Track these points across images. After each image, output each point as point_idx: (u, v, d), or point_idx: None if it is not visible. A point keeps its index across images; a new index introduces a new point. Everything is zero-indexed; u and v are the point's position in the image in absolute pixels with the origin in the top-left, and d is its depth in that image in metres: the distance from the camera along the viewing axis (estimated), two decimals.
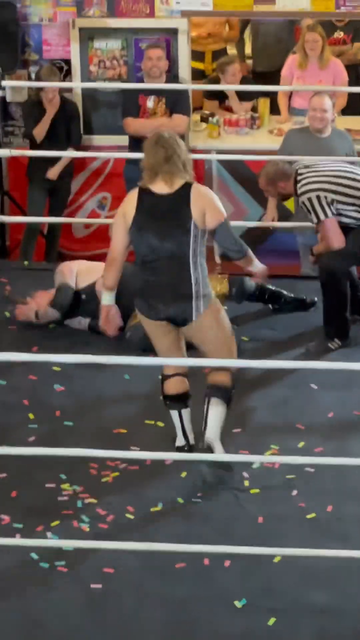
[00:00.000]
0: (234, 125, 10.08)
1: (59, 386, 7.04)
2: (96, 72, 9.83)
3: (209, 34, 11.36)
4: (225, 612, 5.21)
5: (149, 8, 9.65)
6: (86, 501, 5.98)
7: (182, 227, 6.25)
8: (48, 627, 5.14)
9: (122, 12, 9.66)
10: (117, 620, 5.18)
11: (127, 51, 9.76)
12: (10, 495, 6.01)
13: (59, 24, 9.75)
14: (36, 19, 9.75)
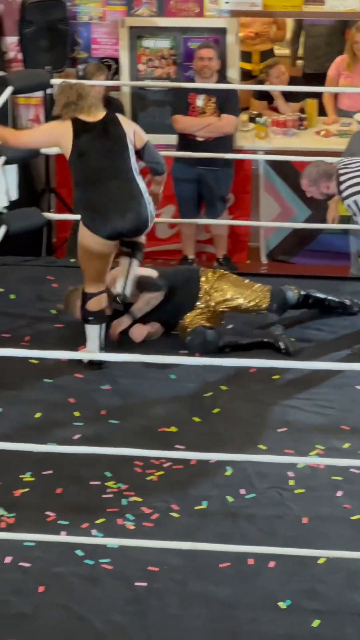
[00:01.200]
0: (282, 126, 10.08)
1: (105, 385, 7.03)
2: (144, 71, 9.85)
3: (256, 34, 11.36)
4: (269, 613, 5.18)
5: (198, 7, 9.67)
6: (131, 499, 5.97)
7: (121, 144, 6.98)
8: (92, 623, 5.12)
9: (171, 11, 9.68)
10: (160, 619, 5.16)
11: (176, 50, 9.78)
12: (56, 492, 6.01)
13: (108, 22, 9.78)
14: (86, 17, 9.80)
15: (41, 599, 5.27)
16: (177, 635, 5.07)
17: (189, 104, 9.30)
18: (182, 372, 7.08)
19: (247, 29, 10.98)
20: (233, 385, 7.05)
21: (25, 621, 5.13)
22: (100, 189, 6.93)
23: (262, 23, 11.24)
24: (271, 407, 6.84)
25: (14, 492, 6.01)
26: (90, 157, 6.94)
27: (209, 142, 9.28)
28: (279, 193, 9.90)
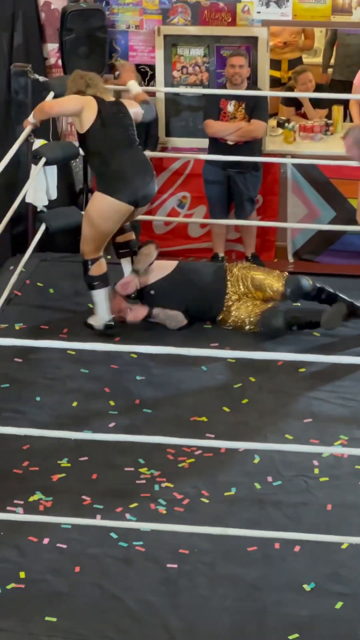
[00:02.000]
0: (309, 131, 10.05)
1: (139, 376, 7.03)
2: (179, 78, 9.83)
3: (285, 43, 11.33)
4: (294, 595, 5.19)
5: (231, 17, 9.63)
6: (163, 485, 5.98)
7: (129, 121, 7.59)
8: (125, 602, 5.14)
9: (205, 21, 9.65)
10: (189, 600, 5.18)
11: (209, 58, 9.75)
12: (92, 477, 6.04)
13: (145, 31, 9.75)
14: (123, 26, 9.77)
15: (77, 578, 5.30)
16: (206, 615, 5.08)
17: (221, 110, 9.27)
18: (212, 364, 7.07)
19: (277, 38, 10.95)
20: (261, 377, 7.05)
21: (61, 599, 5.15)
22: (121, 158, 7.45)
23: (291, 33, 11.21)
24: (297, 399, 6.86)
25: (51, 477, 6.04)
26: (110, 128, 7.44)
27: (239, 146, 9.26)
28: (306, 195, 9.86)
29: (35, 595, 5.16)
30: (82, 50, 9.45)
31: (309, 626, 4.99)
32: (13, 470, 6.06)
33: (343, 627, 5.00)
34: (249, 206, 9.54)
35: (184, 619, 5.05)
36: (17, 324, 7.57)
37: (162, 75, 9.78)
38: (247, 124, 9.26)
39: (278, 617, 5.05)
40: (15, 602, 5.11)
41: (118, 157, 7.42)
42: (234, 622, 5.03)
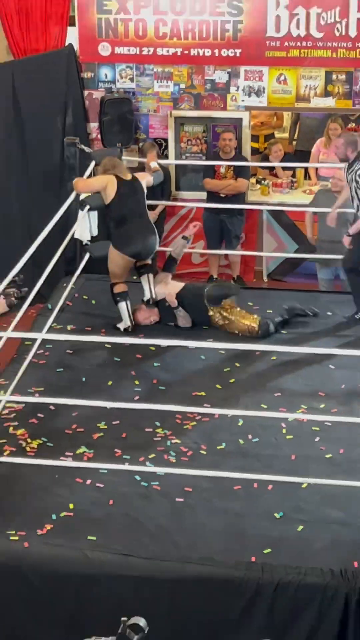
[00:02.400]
0: (279, 187, 10.04)
1: (156, 363, 7.02)
2: (185, 147, 9.83)
3: (262, 123, 11.33)
4: (268, 521, 5.18)
5: (223, 103, 9.64)
6: (173, 441, 5.96)
7: (141, 194, 7.47)
8: (145, 526, 5.14)
9: (204, 106, 9.66)
10: (192, 524, 5.17)
11: (207, 133, 9.76)
12: (122, 436, 6.03)
13: (161, 114, 9.76)
14: (145, 110, 9.79)
15: (110, 509, 5.29)
16: (204, 535, 5.08)
17: (215, 171, 9.29)
18: (209, 353, 7.05)
19: (256, 119, 10.95)
20: (244, 363, 7.02)
21: (99, 524, 5.15)
22: (130, 225, 7.34)
23: (266, 115, 11.21)
24: (270, 379, 6.82)
25: (93, 435, 6.03)
26: (126, 201, 7.32)
27: (229, 197, 9.27)
28: (276, 233, 9.88)
29: (80, 520, 5.16)
30: (116, 128, 9.47)
31: (279, 543, 4.98)
32: (65, 431, 6.05)
33: (303, 544, 5.00)
34: (236, 241, 9.55)
35: (188, 538, 5.04)
36: (69, 325, 7.56)
37: (173, 146, 9.81)
38: (235, 181, 9.27)
39: (256, 537, 5.04)
40: (66, 525, 5.11)
41: (128, 224, 7.33)
42: (224, 540, 5.03)
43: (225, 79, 9.61)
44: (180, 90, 9.71)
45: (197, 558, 4.85)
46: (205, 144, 9.78)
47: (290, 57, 9.42)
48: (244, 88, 9.59)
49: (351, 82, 9.43)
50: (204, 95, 9.68)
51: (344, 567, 4.76)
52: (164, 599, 4.79)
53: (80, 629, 3.44)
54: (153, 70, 9.69)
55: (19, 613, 4.93)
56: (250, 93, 9.60)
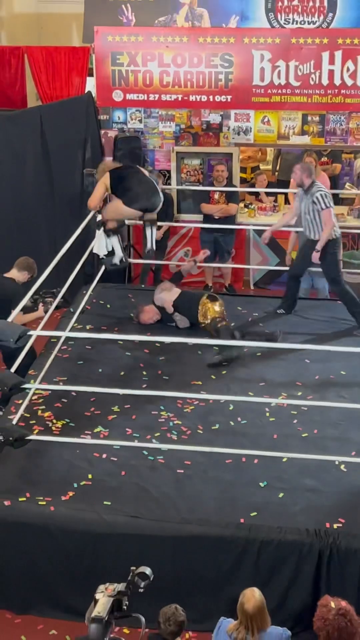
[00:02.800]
0: (263, 210, 10.01)
1: (161, 357, 7.01)
2: (185, 178, 9.81)
3: (249, 157, 11.31)
4: (254, 489, 5.17)
5: (216, 140, 9.63)
6: (175, 422, 5.95)
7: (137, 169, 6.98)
8: (152, 493, 5.13)
9: (200, 143, 9.65)
10: (191, 492, 5.16)
11: (203, 166, 9.74)
12: (132, 417, 6.01)
13: (165, 149, 9.75)
14: (152, 146, 9.77)
15: (123, 479, 5.28)
16: (201, 501, 5.07)
17: (210, 197, 9.27)
18: (205, 350, 7.04)
19: (244, 154, 10.93)
20: None
21: (114, 491, 5.14)
22: (136, 189, 6.82)
23: (252, 150, 11.20)
24: (255, 370, 6.80)
25: (108, 417, 6.01)
26: (124, 175, 6.89)
27: (222, 219, 9.24)
28: (261, 249, 9.84)
29: (98, 488, 5.14)
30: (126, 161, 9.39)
31: (263, 508, 4.98)
32: (85, 413, 6.04)
33: (283, 508, 4.99)
34: (227, 255, 9.52)
35: (187, 503, 5.03)
36: (88, 325, 7.55)
37: (174, 177, 9.77)
38: (226, 206, 9.25)
39: (244, 502, 5.04)
40: (85, 493, 5.10)
41: (134, 190, 6.81)
42: (218, 505, 5.02)
43: (219, 120, 9.60)
44: (181, 129, 9.69)
45: (194, 520, 4.85)
46: (202, 174, 9.76)
47: (272, 102, 9.42)
48: (234, 128, 9.58)
49: (324, 123, 9.43)
50: (200, 133, 9.66)
51: (318, 527, 4.76)
52: (167, 554, 4.79)
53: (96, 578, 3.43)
54: (158, 113, 9.68)
55: (46, 564, 4.92)
56: (239, 132, 9.59)
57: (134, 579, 3.31)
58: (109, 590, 3.24)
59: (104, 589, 3.25)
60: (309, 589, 4.73)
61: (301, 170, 7.33)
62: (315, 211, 7.30)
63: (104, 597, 3.21)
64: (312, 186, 7.33)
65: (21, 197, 8.46)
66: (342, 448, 5.57)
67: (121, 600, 3.22)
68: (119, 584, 3.28)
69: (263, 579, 4.69)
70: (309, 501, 5.03)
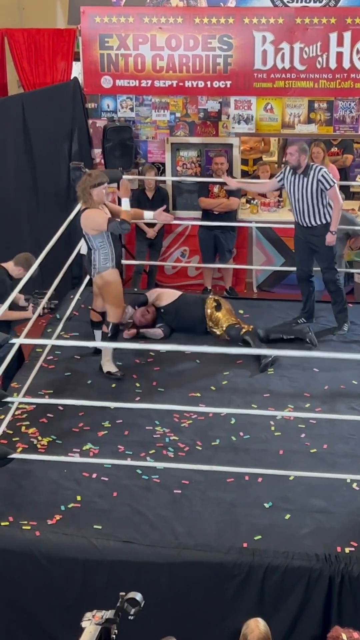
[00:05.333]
0: (267, 206, 10.06)
1: (155, 367, 7.03)
2: (181, 171, 9.85)
3: (250, 148, 11.35)
4: (258, 511, 5.18)
5: (215, 130, 9.67)
6: (171, 438, 5.97)
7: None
8: (146, 516, 5.14)
9: (198, 133, 9.68)
10: (189, 514, 5.17)
11: (200, 158, 9.78)
12: (124, 433, 6.03)
13: (158, 140, 9.78)
14: (144, 137, 9.81)
15: (114, 500, 5.29)
16: (200, 524, 5.07)
17: (209, 191, 9.30)
18: (203, 358, 7.06)
19: (245, 145, 10.98)
20: (236, 366, 7.03)
21: (104, 514, 5.15)
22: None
23: (255, 141, 11.24)
24: (260, 381, 6.83)
25: (98, 433, 6.03)
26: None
27: (222, 215, 9.28)
28: (265, 248, 9.88)
29: (87, 511, 5.16)
30: (117, 153, 9.49)
31: (268, 530, 4.99)
32: (72, 429, 6.05)
33: (290, 531, 5.00)
34: (228, 255, 9.56)
35: (185, 526, 5.04)
36: (75, 333, 7.57)
37: (169, 170, 9.81)
38: (227, 200, 9.28)
39: (247, 525, 5.04)
40: (73, 515, 5.11)
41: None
42: (218, 528, 5.03)
43: (217, 108, 9.64)
44: (176, 118, 9.73)
45: (193, 544, 4.85)
46: (199, 167, 9.80)
47: (276, 88, 9.46)
48: (234, 116, 9.62)
49: (332, 110, 9.47)
50: (197, 123, 9.70)
51: (328, 552, 4.77)
52: (163, 582, 4.79)
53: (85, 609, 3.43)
54: (151, 100, 9.72)
55: (30, 594, 4.93)
56: (240, 121, 9.62)
57: (124, 605, 3.32)
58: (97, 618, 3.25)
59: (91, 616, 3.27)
60: (319, 619, 4.75)
61: (299, 150, 7.36)
62: (319, 192, 7.33)
63: (91, 625, 3.23)
64: (309, 167, 7.38)
65: (1, 191, 8.49)
66: (354, 465, 5.59)
67: (110, 629, 3.23)
68: (107, 611, 3.29)
69: (268, 608, 4.70)
70: (318, 523, 5.05)
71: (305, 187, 7.36)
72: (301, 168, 7.38)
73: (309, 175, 7.34)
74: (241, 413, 5.99)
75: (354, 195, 10.44)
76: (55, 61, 9.78)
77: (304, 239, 7.62)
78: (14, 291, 6.08)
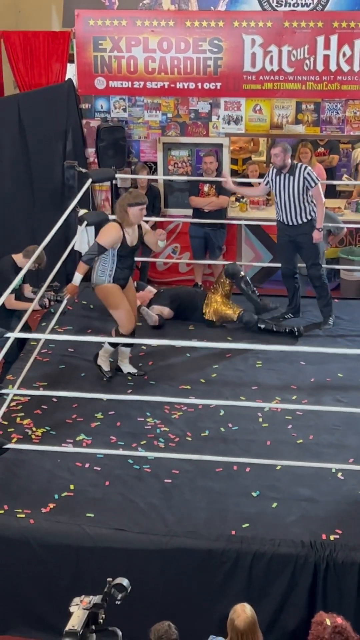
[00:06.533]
0: (256, 204, 10.02)
1: (148, 360, 7.02)
2: (172, 170, 9.81)
3: (240, 148, 11.33)
4: (246, 499, 5.19)
5: (205, 130, 9.64)
6: (162, 429, 5.98)
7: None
8: (138, 504, 5.14)
9: (189, 133, 9.65)
10: (179, 503, 5.17)
11: (192, 157, 9.75)
12: (117, 424, 6.03)
13: (150, 140, 9.75)
14: (137, 137, 9.77)
15: (107, 489, 5.29)
16: (189, 512, 5.08)
17: (199, 190, 9.28)
18: (194, 352, 7.06)
19: (235, 144, 10.95)
20: (224, 360, 7.03)
21: (97, 502, 5.15)
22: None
23: (244, 141, 11.22)
24: (248, 374, 6.83)
25: (91, 424, 6.04)
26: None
27: (212, 213, 9.25)
28: (253, 245, 9.86)
29: (80, 500, 5.16)
30: (110, 152, 9.46)
31: (256, 519, 4.99)
32: (66, 420, 6.05)
33: (277, 519, 5.01)
34: (218, 252, 9.53)
35: (175, 515, 5.04)
36: (69, 327, 7.56)
37: (161, 169, 9.78)
38: (217, 198, 9.25)
39: (236, 513, 5.05)
40: (67, 504, 5.11)
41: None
42: (208, 517, 5.03)
43: (208, 109, 9.62)
44: (168, 119, 9.70)
45: (183, 532, 4.86)
46: (190, 166, 9.78)
47: (264, 90, 9.44)
48: (224, 117, 9.60)
49: (319, 111, 9.45)
50: (188, 123, 9.68)
51: (313, 539, 4.77)
52: (154, 568, 4.79)
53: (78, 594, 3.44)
54: (143, 101, 9.69)
55: (25, 580, 4.92)
56: (230, 121, 9.61)
57: (111, 591, 3.32)
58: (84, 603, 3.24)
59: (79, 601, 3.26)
60: (304, 605, 4.75)
61: (283, 150, 7.35)
62: (304, 190, 7.33)
63: (79, 610, 3.22)
64: (295, 166, 7.37)
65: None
66: (339, 455, 5.60)
67: (97, 614, 3.23)
68: (95, 596, 3.28)
69: (255, 594, 4.71)
70: (304, 511, 5.05)
71: (291, 186, 7.36)
72: (287, 167, 7.37)
73: (295, 174, 7.33)
74: (230, 405, 6.00)
75: (340, 194, 10.43)
76: (50, 63, 9.73)
77: (288, 238, 7.62)
78: (15, 280, 6.09)
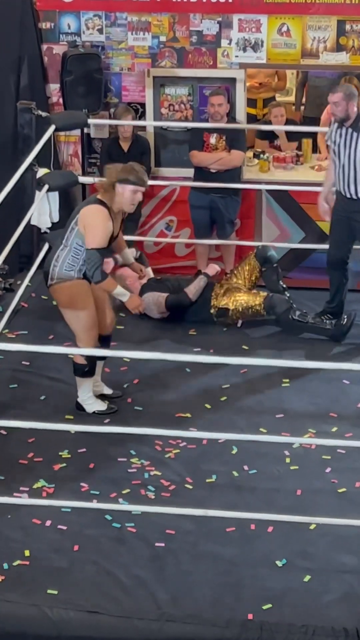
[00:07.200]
0: (282, 162, 10.05)
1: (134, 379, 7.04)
2: (166, 115, 9.82)
3: (260, 84, 11.33)
4: (268, 571, 5.21)
5: (212, 60, 9.64)
6: (152, 473, 6.01)
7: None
8: (118, 577, 5.17)
9: (189, 63, 9.66)
10: (174, 575, 5.20)
11: (193, 97, 9.77)
12: (89, 467, 6.05)
13: (136, 72, 9.76)
14: (117, 68, 9.77)
15: (75, 556, 5.32)
16: (189, 588, 5.10)
17: (204, 142, 9.29)
18: (195, 366, 7.08)
19: (253, 80, 10.95)
20: (238, 377, 7.06)
21: (62, 574, 5.17)
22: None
23: (265, 75, 11.21)
24: (271, 397, 6.86)
25: (53, 466, 6.06)
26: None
27: (221, 174, 9.26)
28: (278, 218, 9.87)
29: (38, 571, 5.17)
30: (81, 90, 9.45)
31: (281, 597, 5.01)
32: (19, 461, 6.08)
33: (310, 597, 5.03)
34: (229, 228, 9.55)
35: (170, 591, 5.06)
36: (23, 332, 7.57)
37: (151, 112, 9.76)
38: (228, 154, 9.27)
39: (253, 590, 5.07)
40: (20, 577, 5.13)
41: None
42: (214, 594, 5.04)
43: (215, 30, 9.62)
44: (160, 44, 9.71)
45: (180, 616, 4.87)
46: (191, 109, 9.78)
47: (294, 3, 9.43)
48: (238, 41, 9.60)
49: None
50: (189, 50, 9.68)
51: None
52: None
53: None
54: (127, 19, 9.69)
55: None
56: (246, 47, 9.61)
57: None
58: None
59: None
60: None
61: (346, 97, 7.38)
62: None
63: None
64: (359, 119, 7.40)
65: None
66: None
67: None
68: None
69: None
70: (347, 587, 5.08)
71: (355, 145, 7.39)
72: (350, 119, 7.40)
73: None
74: (246, 439, 5.99)
75: None
76: None
77: (346, 214, 7.63)
78: None
